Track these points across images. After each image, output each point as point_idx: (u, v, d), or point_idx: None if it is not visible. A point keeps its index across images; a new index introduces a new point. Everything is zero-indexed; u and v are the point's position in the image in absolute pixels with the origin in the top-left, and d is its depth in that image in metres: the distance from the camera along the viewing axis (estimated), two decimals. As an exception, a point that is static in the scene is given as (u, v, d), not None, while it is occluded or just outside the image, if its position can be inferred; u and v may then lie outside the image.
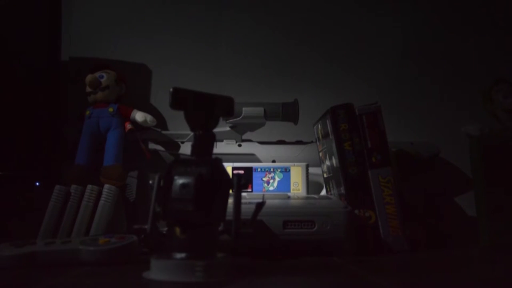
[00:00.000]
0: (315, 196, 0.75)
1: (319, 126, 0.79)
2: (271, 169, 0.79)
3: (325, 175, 0.81)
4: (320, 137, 0.80)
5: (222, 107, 0.51)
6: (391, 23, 1.02)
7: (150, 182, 0.48)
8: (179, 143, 0.88)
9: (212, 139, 0.50)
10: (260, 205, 0.50)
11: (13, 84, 0.82)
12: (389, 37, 1.02)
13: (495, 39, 1.02)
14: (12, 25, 0.83)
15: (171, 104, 0.47)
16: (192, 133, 0.85)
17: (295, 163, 0.79)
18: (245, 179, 0.50)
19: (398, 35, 1.02)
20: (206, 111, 0.50)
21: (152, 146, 0.87)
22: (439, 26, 1.03)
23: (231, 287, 0.44)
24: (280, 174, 0.79)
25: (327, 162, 0.77)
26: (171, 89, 0.47)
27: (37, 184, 0.81)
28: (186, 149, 0.87)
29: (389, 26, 1.02)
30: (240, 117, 0.84)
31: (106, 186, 0.78)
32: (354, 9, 1.02)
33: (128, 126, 0.85)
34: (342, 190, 0.70)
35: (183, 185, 0.46)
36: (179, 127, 0.92)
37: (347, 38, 1.02)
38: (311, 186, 0.80)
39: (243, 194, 0.76)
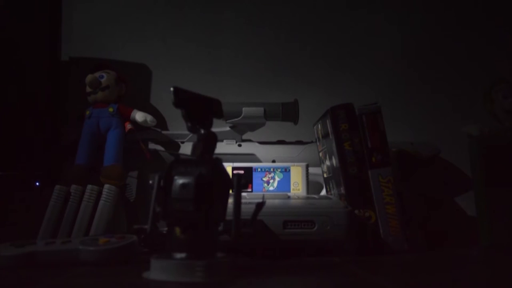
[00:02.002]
0: (315, 196, 0.75)
1: (319, 126, 0.79)
2: (271, 169, 0.79)
3: (325, 175, 0.81)
4: (320, 137, 0.80)
5: (215, 108, 0.52)
6: (391, 23, 1.02)
7: (150, 182, 0.48)
8: (179, 143, 0.88)
9: (215, 139, 0.50)
10: (260, 205, 0.50)
11: (13, 84, 0.82)
12: (389, 37, 1.02)
13: (495, 39, 1.02)
14: (12, 25, 0.83)
15: (175, 102, 0.47)
16: (191, 133, 0.85)
17: (295, 163, 0.79)
18: (245, 179, 0.50)
19: (398, 35, 1.02)
20: (206, 111, 0.50)
21: (152, 146, 0.87)
22: (439, 26, 1.03)
23: (231, 287, 0.44)
24: (280, 174, 0.79)
25: (327, 162, 0.77)
26: (172, 88, 0.48)
27: (37, 184, 0.81)
28: (186, 149, 0.87)
29: (389, 26, 1.02)
30: (240, 117, 0.84)
31: (106, 186, 0.78)
32: (354, 9, 1.02)
33: (128, 126, 0.85)
34: (342, 190, 0.70)
35: (183, 185, 0.46)
36: (179, 127, 0.91)
37: (347, 38, 1.02)
38: (311, 186, 0.80)
39: (243, 194, 0.76)
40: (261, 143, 0.88)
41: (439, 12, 1.03)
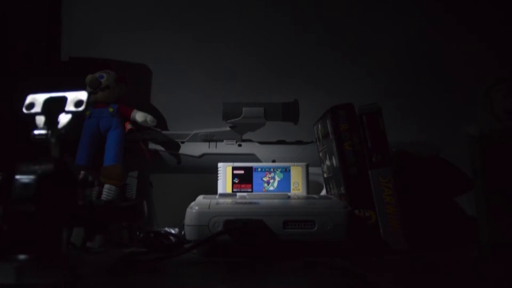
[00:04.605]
0: (315, 196, 0.75)
1: (319, 126, 0.79)
2: (271, 169, 0.79)
3: (325, 175, 0.81)
4: (320, 137, 0.80)
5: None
6: (391, 23, 1.02)
7: None
8: (179, 143, 0.88)
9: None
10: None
11: (13, 84, 0.82)
12: (389, 37, 1.02)
13: (495, 39, 1.02)
14: (12, 25, 0.83)
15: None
16: (193, 133, 0.85)
17: (295, 163, 0.79)
18: (91, 177, 0.48)
19: (398, 35, 1.02)
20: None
21: (152, 146, 0.88)
22: (439, 26, 1.03)
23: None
24: (280, 174, 0.79)
25: (327, 162, 0.77)
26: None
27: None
28: (186, 149, 0.87)
29: (389, 26, 1.02)
30: (240, 117, 0.84)
31: (106, 186, 0.78)
32: (354, 9, 1.02)
33: (128, 126, 0.85)
34: (342, 190, 0.70)
35: (24, 185, 0.44)
36: (179, 127, 0.92)
37: (347, 38, 1.02)
38: (311, 186, 0.80)
39: (244, 194, 0.76)
40: (261, 143, 0.88)
41: (439, 12, 1.03)
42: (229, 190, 0.78)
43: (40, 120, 0.48)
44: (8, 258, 0.45)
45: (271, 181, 0.78)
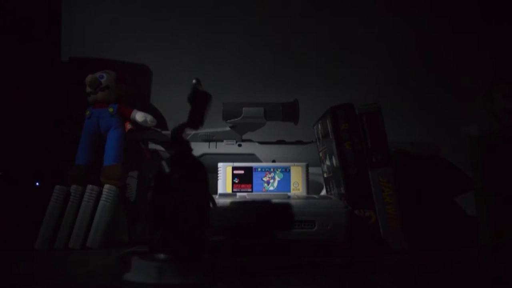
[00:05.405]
0: (315, 196, 0.75)
1: (319, 126, 0.79)
2: (271, 169, 0.79)
3: (325, 175, 0.81)
4: (320, 137, 0.80)
5: None
6: (391, 23, 1.02)
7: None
8: (179, 143, 0.88)
9: None
10: None
11: (14, 84, 0.82)
12: (389, 37, 1.02)
13: (495, 39, 1.02)
14: (11, 25, 0.83)
15: None
16: (192, 133, 0.85)
17: (295, 163, 0.79)
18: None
19: (399, 35, 1.02)
20: None
21: (152, 146, 0.87)
22: (439, 27, 1.03)
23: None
24: (280, 174, 0.79)
25: (327, 162, 0.77)
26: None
27: (37, 184, 0.81)
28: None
29: (389, 26, 1.02)
30: (240, 117, 0.84)
31: (106, 186, 0.78)
32: (354, 9, 1.02)
33: (128, 126, 0.85)
34: (342, 190, 0.70)
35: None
36: (179, 127, 0.91)
37: (348, 38, 1.02)
38: (311, 186, 0.80)
39: (244, 194, 0.76)
40: (261, 143, 0.88)
41: (439, 12, 1.03)
42: (229, 190, 0.78)
43: None
44: (152, 257, 0.46)
45: (271, 181, 0.78)
